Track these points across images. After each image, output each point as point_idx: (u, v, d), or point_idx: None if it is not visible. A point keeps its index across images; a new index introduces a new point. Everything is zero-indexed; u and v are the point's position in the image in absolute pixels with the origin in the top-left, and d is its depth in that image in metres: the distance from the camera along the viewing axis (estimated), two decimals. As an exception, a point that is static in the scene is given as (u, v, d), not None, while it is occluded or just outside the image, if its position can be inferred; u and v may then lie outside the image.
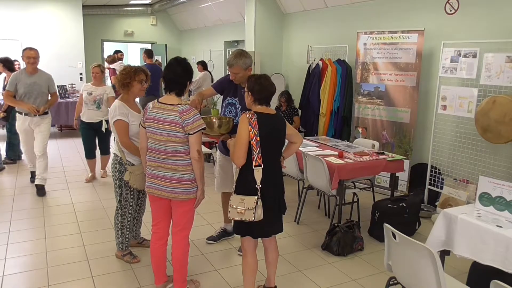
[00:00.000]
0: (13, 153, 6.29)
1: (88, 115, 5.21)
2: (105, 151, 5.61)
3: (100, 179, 5.65)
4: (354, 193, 4.12)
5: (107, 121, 5.08)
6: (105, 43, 12.07)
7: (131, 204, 3.24)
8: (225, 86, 3.43)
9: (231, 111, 3.36)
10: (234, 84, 3.33)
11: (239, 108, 3.31)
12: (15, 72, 4.82)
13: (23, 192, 5.01)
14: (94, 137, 5.37)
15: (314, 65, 6.31)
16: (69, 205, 4.67)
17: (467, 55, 4.23)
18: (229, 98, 3.39)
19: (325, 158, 3.86)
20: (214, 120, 3.19)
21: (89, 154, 5.49)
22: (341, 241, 3.56)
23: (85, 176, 5.66)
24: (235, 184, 2.59)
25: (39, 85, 4.72)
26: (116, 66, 8.59)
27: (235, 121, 3.23)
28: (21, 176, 5.68)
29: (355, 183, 4.35)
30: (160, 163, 2.61)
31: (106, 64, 8.99)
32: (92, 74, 5.19)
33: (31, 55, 4.63)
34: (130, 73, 3.09)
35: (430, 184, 4.81)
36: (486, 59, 4.01)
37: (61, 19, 9.63)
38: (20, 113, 4.81)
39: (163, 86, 2.68)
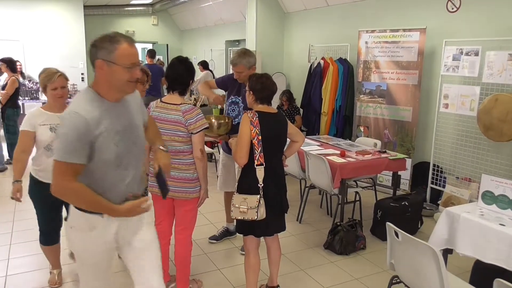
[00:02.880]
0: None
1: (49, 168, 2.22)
2: None
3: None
4: (356, 192, 4.12)
5: None
6: (106, 43, 12.07)
7: (133, 203, 3.24)
8: (228, 85, 3.45)
9: (234, 110, 3.37)
10: (238, 83, 3.34)
11: (242, 107, 3.31)
12: (67, 113, 1.63)
13: (26, 193, 5.01)
14: (59, 207, 2.87)
15: (315, 64, 6.30)
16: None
17: (469, 53, 4.21)
18: (232, 97, 3.40)
19: (327, 157, 3.85)
20: (213, 120, 3.19)
21: (49, 237, 2.95)
22: (344, 240, 3.56)
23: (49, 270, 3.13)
24: (237, 183, 2.59)
25: (136, 126, 1.85)
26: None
27: (237, 119, 3.24)
28: (23, 176, 5.67)
29: (357, 182, 4.34)
30: (162, 163, 2.62)
31: None
32: (53, 91, 2.64)
33: (134, 54, 1.69)
34: None
35: (432, 183, 4.80)
36: (488, 57, 4.00)
37: (62, 19, 9.64)
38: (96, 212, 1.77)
39: (165, 86, 2.69)
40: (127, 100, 1.80)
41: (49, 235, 2.95)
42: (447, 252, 2.72)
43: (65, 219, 2.10)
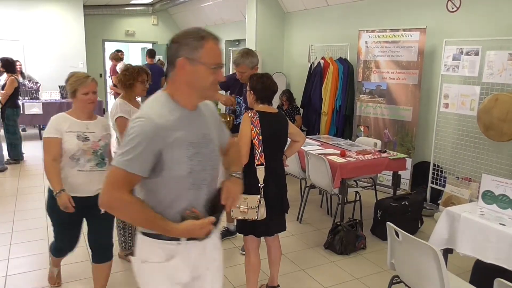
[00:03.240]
0: (16, 153, 6.30)
1: (77, 182, 2.44)
2: (104, 251, 2.63)
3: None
4: (356, 192, 4.12)
5: None
6: (106, 43, 12.07)
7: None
8: (230, 84, 3.45)
9: (236, 110, 3.38)
10: (240, 83, 3.34)
11: (243, 107, 3.31)
12: (135, 117, 1.42)
13: (26, 193, 5.02)
14: (80, 223, 2.60)
15: (315, 64, 6.30)
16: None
17: (469, 53, 4.21)
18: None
19: (327, 157, 3.85)
20: None
21: (63, 253, 2.77)
22: (344, 239, 3.55)
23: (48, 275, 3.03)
24: (237, 183, 2.59)
25: (212, 140, 1.58)
26: (118, 65, 8.62)
27: (239, 119, 3.24)
28: (23, 176, 5.69)
29: (357, 181, 4.34)
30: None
31: (109, 62, 9.03)
32: (85, 95, 2.44)
33: (220, 53, 1.48)
34: (134, 74, 3.10)
35: (432, 183, 4.80)
36: (488, 56, 3.99)
37: (62, 19, 9.64)
38: (170, 240, 1.49)
39: (165, 85, 2.69)
40: (202, 110, 1.56)
41: (64, 251, 2.74)
42: (447, 251, 2.72)
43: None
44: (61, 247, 2.70)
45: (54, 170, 2.39)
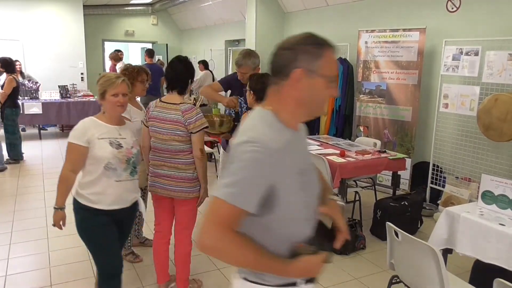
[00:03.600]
0: (15, 153, 6.30)
1: (116, 193, 2.27)
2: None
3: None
4: (356, 192, 4.12)
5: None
6: (106, 43, 12.07)
7: (133, 203, 3.22)
8: (232, 85, 3.47)
9: (239, 111, 3.39)
10: (241, 84, 3.34)
11: (245, 107, 3.32)
12: (244, 141, 1.15)
13: (25, 192, 5.02)
14: (117, 238, 2.37)
15: (315, 64, 6.30)
16: (71, 205, 4.66)
17: (469, 53, 4.21)
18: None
19: (327, 157, 3.85)
20: (215, 118, 3.21)
21: (113, 282, 2.36)
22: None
23: None
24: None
25: (313, 164, 1.40)
26: (118, 65, 8.63)
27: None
28: (23, 176, 5.69)
29: (357, 181, 4.34)
30: (163, 162, 2.62)
31: (109, 62, 9.04)
32: (113, 97, 2.22)
33: (336, 63, 1.36)
34: (133, 73, 3.10)
35: (432, 183, 4.80)
36: (488, 57, 4.00)
37: (62, 19, 9.64)
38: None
39: (164, 85, 2.70)
40: (301, 129, 1.32)
41: (117, 273, 2.36)
42: (447, 252, 2.72)
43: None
44: (110, 272, 2.33)
45: (68, 183, 2.23)
